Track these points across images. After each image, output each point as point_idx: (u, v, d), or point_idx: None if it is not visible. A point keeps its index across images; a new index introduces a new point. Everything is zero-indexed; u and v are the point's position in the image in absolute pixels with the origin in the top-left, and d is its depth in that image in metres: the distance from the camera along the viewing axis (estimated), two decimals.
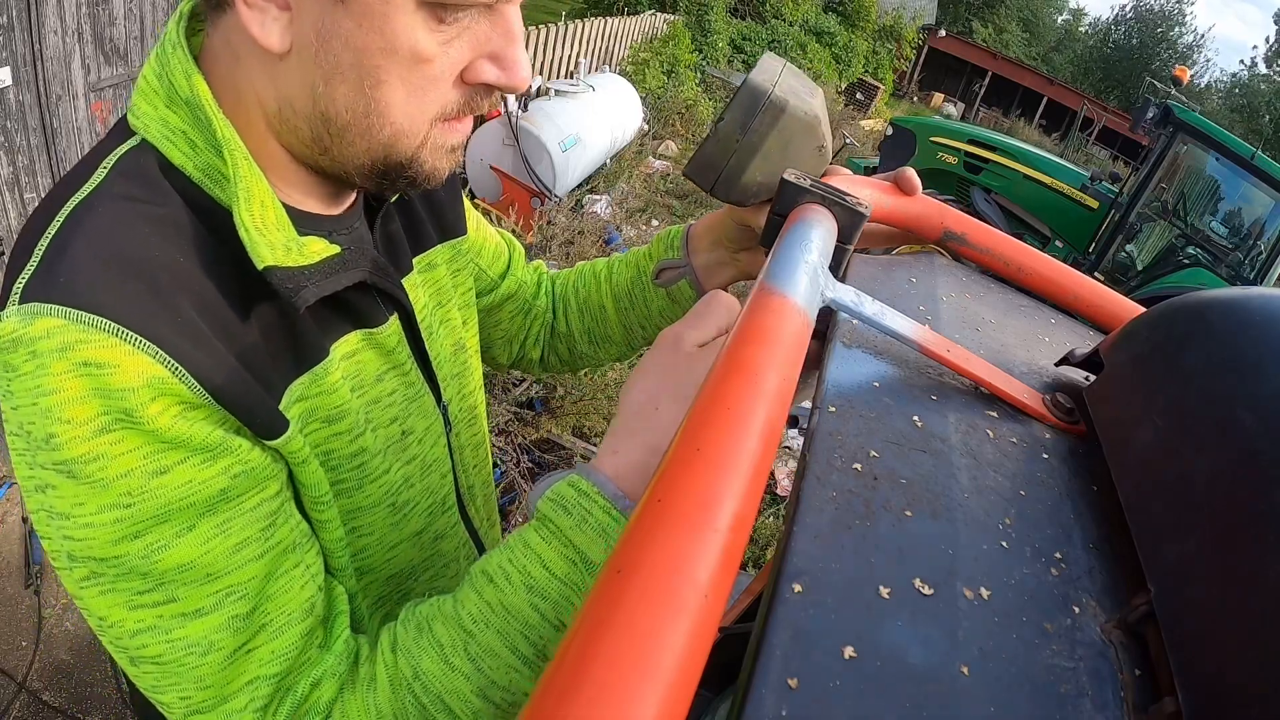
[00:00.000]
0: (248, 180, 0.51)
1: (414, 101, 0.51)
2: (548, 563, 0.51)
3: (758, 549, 2.83)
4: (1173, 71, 6.51)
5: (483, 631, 0.51)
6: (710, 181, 0.63)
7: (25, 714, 1.92)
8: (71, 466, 0.44)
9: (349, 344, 0.61)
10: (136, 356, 0.45)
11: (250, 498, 0.51)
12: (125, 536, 0.46)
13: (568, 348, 0.95)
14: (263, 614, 0.51)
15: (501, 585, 0.52)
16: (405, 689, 0.52)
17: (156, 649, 0.48)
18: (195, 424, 0.47)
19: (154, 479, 0.46)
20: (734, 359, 0.35)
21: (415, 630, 0.54)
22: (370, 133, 0.52)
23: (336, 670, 0.53)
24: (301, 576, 0.54)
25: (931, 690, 0.29)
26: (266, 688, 0.51)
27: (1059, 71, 32.61)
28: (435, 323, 0.74)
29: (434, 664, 0.52)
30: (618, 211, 5.59)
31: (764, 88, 0.61)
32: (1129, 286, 5.40)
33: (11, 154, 2.64)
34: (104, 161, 0.52)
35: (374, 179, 0.56)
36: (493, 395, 2.95)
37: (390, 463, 0.64)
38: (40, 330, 0.44)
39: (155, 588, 0.48)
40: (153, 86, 0.53)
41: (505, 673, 0.51)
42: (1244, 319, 0.42)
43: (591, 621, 0.24)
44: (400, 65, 0.49)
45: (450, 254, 0.79)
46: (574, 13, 9.13)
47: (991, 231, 0.67)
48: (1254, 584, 0.30)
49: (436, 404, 0.71)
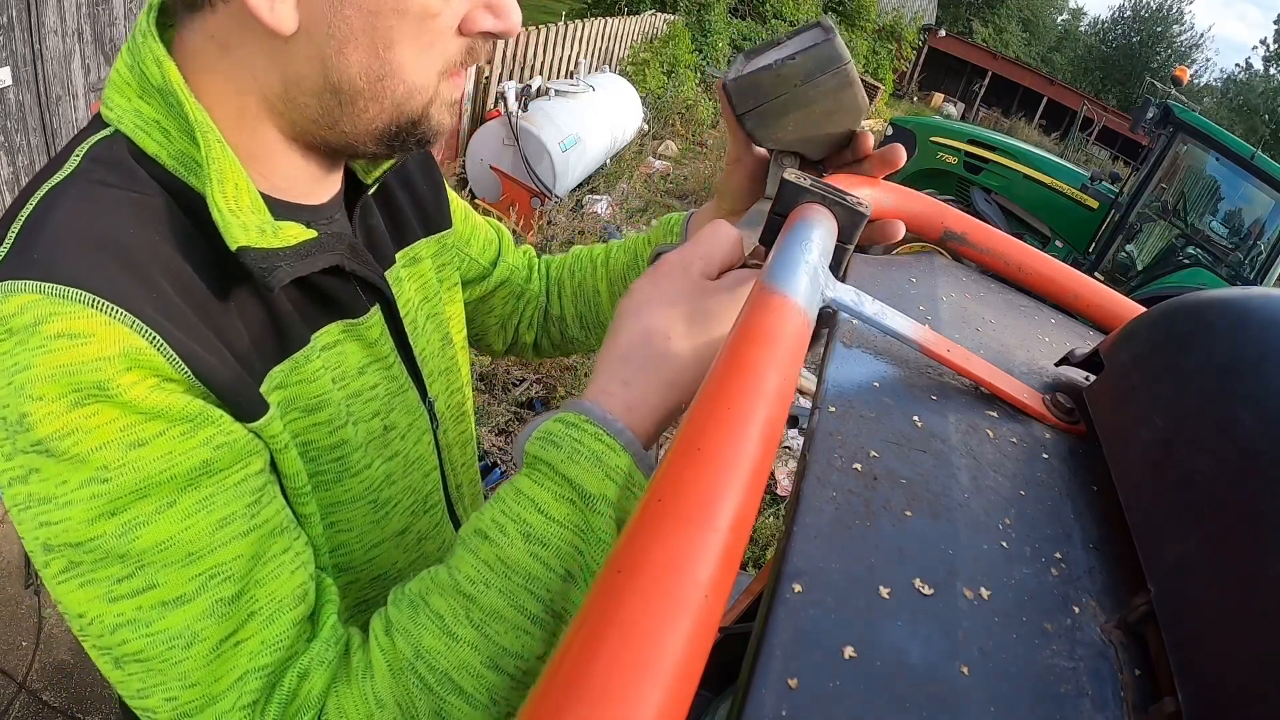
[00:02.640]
0: (220, 163, 0.50)
1: (424, 58, 0.53)
2: (543, 506, 0.47)
3: (758, 549, 2.83)
4: (1173, 71, 6.51)
5: (484, 593, 0.47)
6: (747, 106, 0.62)
7: (25, 714, 1.92)
8: (47, 444, 0.43)
9: (330, 335, 0.60)
10: (113, 326, 0.44)
11: (234, 472, 0.49)
12: (102, 514, 0.44)
13: (559, 331, 0.95)
14: (251, 600, 0.48)
15: (497, 539, 0.47)
16: (408, 671, 0.47)
17: (138, 644, 0.46)
18: (173, 395, 0.46)
19: (131, 451, 0.44)
20: (734, 359, 0.35)
21: (409, 607, 0.49)
22: (383, 95, 0.53)
23: (324, 658, 0.49)
24: (292, 562, 0.51)
25: (931, 690, 0.29)
26: (257, 681, 0.47)
27: (1059, 71, 32.62)
28: (421, 317, 0.73)
29: (436, 639, 0.47)
30: (618, 211, 5.59)
31: (844, 54, 0.62)
32: (1129, 286, 5.40)
33: (11, 154, 2.64)
34: (77, 150, 0.52)
35: (385, 142, 0.57)
36: (493, 395, 2.95)
37: (371, 458, 0.63)
38: (14, 307, 0.43)
39: (134, 572, 0.45)
40: (125, 79, 0.53)
41: (515, 637, 0.47)
42: (1244, 319, 0.42)
43: (591, 621, 0.24)
44: (411, 23, 0.51)
45: (435, 248, 0.78)
46: (574, 13, 9.14)
47: (991, 231, 0.67)
48: (1254, 584, 0.30)
49: (421, 400, 0.70)
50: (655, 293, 0.52)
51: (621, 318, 0.52)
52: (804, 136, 0.64)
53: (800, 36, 0.64)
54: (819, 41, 0.61)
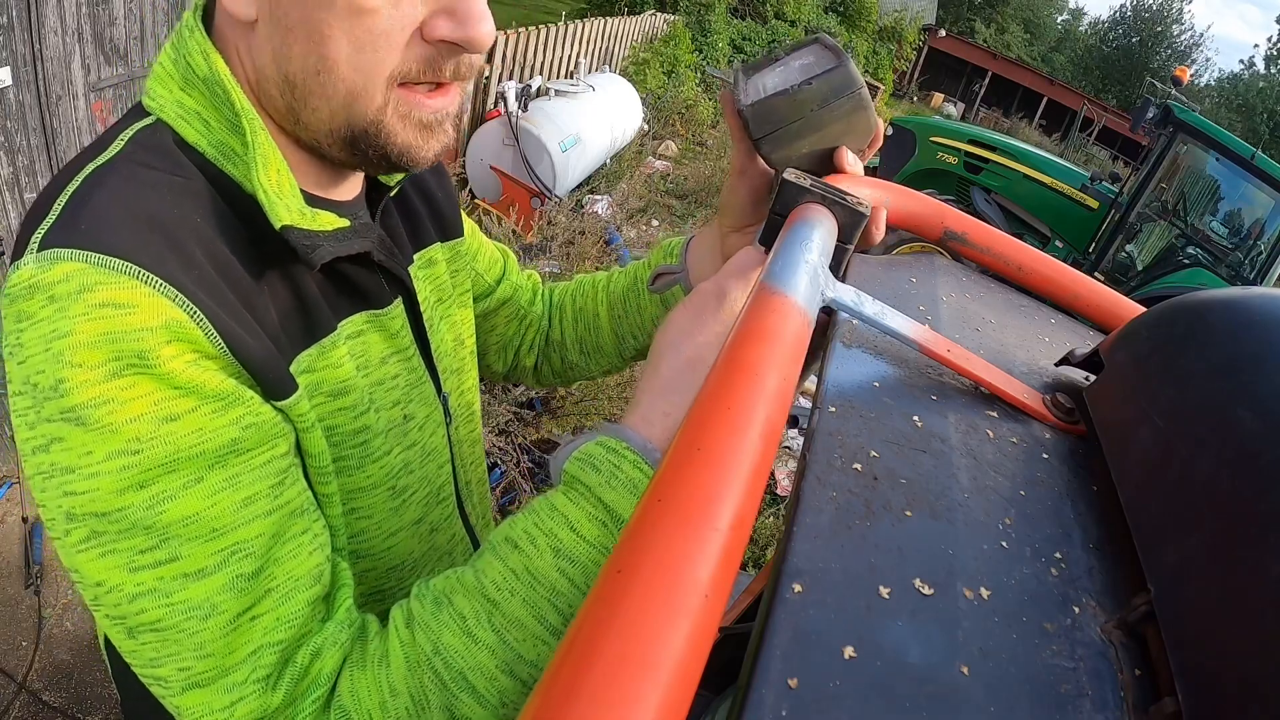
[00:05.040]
0: (265, 148, 0.53)
1: (363, 57, 0.51)
2: (575, 524, 0.49)
3: (758, 549, 2.83)
4: (1173, 71, 6.50)
5: (508, 600, 0.48)
6: (764, 131, 0.64)
7: (25, 714, 1.92)
8: (80, 412, 0.44)
9: (355, 324, 0.62)
10: (156, 299, 0.45)
11: (261, 453, 0.50)
12: (131, 485, 0.45)
13: (560, 357, 0.96)
14: (269, 577, 0.49)
15: (527, 550, 0.49)
16: (425, 666, 0.48)
17: (156, 613, 0.46)
18: (208, 372, 0.47)
19: (164, 425, 0.45)
20: (734, 359, 0.35)
21: (433, 604, 0.51)
22: (325, 91, 0.52)
23: (338, 639, 0.51)
24: (310, 543, 0.52)
25: (931, 690, 0.29)
26: (271, 656, 0.48)
27: (1059, 71, 32.62)
28: (436, 316, 0.75)
29: (456, 638, 0.49)
30: (618, 211, 5.59)
31: (858, 78, 0.63)
32: (1129, 286, 5.40)
33: (11, 154, 2.64)
34: (121, 134, 0.54)
35: (347, 149, 0.56)
36: (492, 395, 2.95)
37: (391, 445, 0.64)
38: (60, 274, 0.44)
39: (158, 544, 0.46)
40: (168, 71, 0.55)
41: (533, 645, 0.48)
42: (1244, 319, 0.42)
43: (591, 621, 0.24)
44: (340, 18, 0.49)
45: (449, 254, 0.80)
46: (574, 13, 9.14)
47: (991, 231, 0.67)
48: (1254, 584, 0.30)
49: (437, 393, 0.72)
50: (694, 324, 0.54)
51: (662, 350, 0.54)
52: (816, 155, 0.66)
53: (801, 54, 0.65)
54: (833, 66, 0.63)
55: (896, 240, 4.62)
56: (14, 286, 0.45)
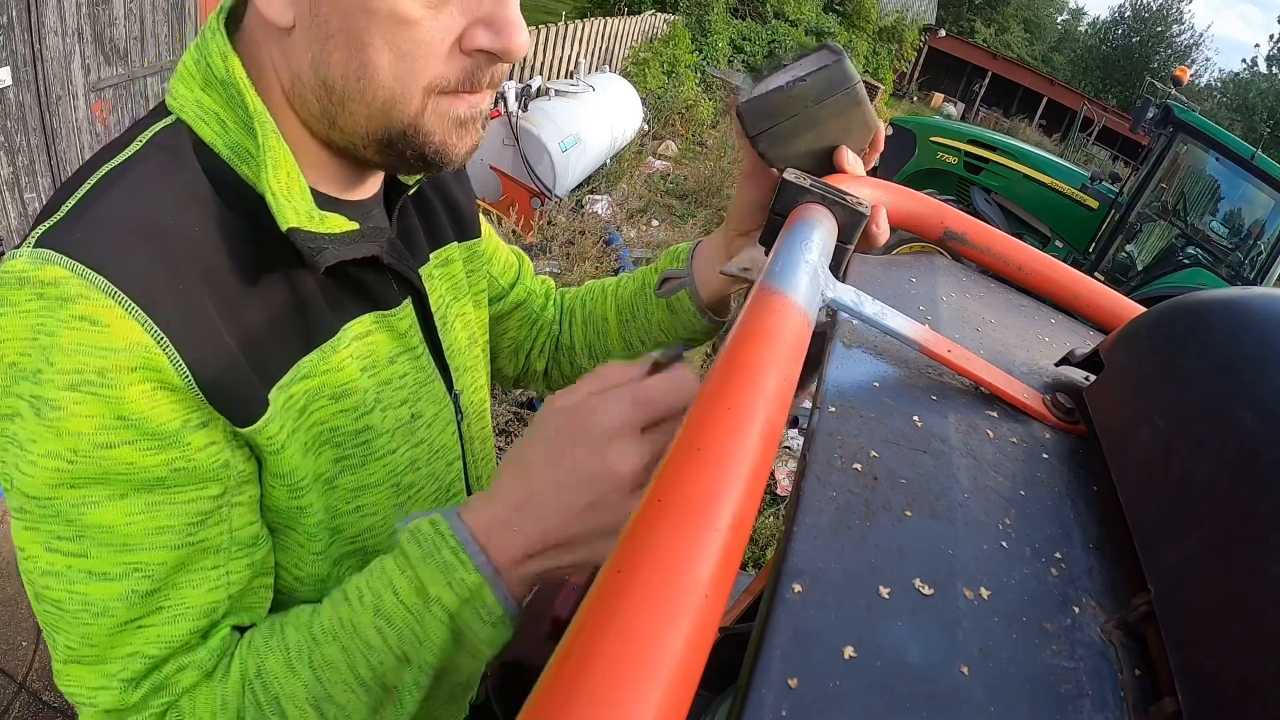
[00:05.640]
0: (275, 151, 0.54)
1: (403, 65, 0.52)
2: (397, 589, 0.51)
3: (758, 549, 2.83)
4: (1173, 71, 6.51)
5: (328, 644, 0.52)
6: (761, 128, 0.64)
7: (25, 714, 1.92)
8: (40, 405, 0.47)
9: (361, 325, 0.63)
10: (126, 321, 0.47)
11: (186, 491, 0.52)
12: (63, 484, 0.48)
13: (570, 361, 0.97)
14: (163, 597, 0.52)
15: (354, 604, 0.52)
16: (249, 685, 0.53)
17: (58, 594, 0.50)
18: (160, 405, 0.49)
19: (98, 449, 0.48)
20: (734, 359, 0.35)
21: (268, 630, 0.55)
22: (364, 97, 0.53)
23: (203, 664, 0.54)
24: (215, 579, 0.54)
25: (931, 690, 0.29)
26: (142, 663, 0.52)
27: (1059, 71, 32.61)
28: (450, 315, 0.75)
29: (278, 665, 0.52)
30: (618, 211, 5.59)
31: (853, 75, 0.63)
32: (1129, 286, 5.40)
33: (11, 154, 2.64)
34: (141, 135, 0.55)
35: (382, 151, 0.56)
36: (493, 395, 2.95)
37: (398, 443, 0.65)
38: (49, 276, 0.46)
39: (75, 538, 0.49)
40: (190, 71, 0.56)
41: (342, 690, 0.52)
42: (1244, 319, 0.42)
43: (592, 621, 0.24)
44: (382, 26, 0.50)
45: (466, 253, 0.81)
46: (574, 13, 9.14)
47: (991, 231, 0.67)
48: (1254, 584, 0.30)
49: (448, 392, 0.72)
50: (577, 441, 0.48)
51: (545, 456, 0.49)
52: (815, 155, 0.65)
53: (808, 59, 0.65)
54: (829, 63, 0.63)
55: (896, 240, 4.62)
56: (6, 273, 0.47)
